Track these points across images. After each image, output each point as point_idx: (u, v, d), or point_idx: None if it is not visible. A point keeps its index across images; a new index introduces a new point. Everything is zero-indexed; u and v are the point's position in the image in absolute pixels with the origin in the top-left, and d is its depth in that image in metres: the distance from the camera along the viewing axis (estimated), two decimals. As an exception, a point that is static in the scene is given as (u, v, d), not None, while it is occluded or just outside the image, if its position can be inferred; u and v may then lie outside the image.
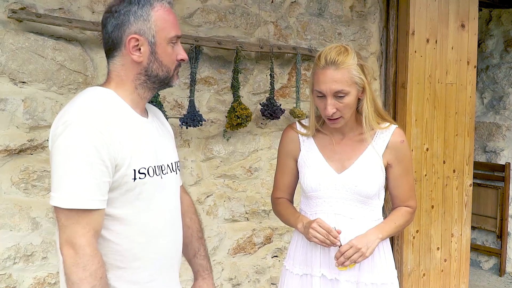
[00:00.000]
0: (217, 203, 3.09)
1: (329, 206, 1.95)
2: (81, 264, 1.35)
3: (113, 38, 1.50)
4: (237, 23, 3.04)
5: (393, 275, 2.03)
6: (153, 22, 1.48)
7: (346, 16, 3.53)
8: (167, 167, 1.60)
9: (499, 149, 5.06)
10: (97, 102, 1.46)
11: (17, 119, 2.38)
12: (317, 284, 1.97)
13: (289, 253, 2.13)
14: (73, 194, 1.36)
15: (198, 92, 2.92)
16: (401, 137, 1.98)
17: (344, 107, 1.86)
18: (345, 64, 1.83)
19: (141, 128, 1.53)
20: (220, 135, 3.05)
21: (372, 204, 1.97)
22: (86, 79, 2.54)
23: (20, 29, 2.36)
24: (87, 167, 1.36)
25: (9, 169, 2.39)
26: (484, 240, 5.22)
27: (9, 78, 2.35)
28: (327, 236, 1.85)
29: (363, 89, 1.89)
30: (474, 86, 3.90)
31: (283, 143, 2.10)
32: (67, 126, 1.37)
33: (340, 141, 1.99)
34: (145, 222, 1.51)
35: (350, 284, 1.95)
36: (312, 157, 2.00)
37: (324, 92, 1.85)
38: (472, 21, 3.82)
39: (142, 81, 1.53)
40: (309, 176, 1.97)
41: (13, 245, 2.40)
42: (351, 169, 1.94)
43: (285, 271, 2.11)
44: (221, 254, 3.14)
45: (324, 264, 1.96)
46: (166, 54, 1.52)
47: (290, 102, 3.27)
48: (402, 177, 2.00)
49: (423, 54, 3.63)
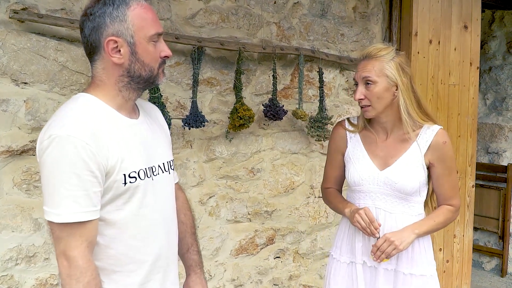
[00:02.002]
0: (220, 204, 3.08)
1: (371, 200, 2.09)
2: (74, 276, 1.36)
3: (91, 42, 1.47)
4: (240, 24, 3.03)
5: (432, 268, 2.13)
6: (130, 22, 1.45)
7: (349, 17, 3.52)
8: (158, 168, 1.59)
9: (502, 150, 5.05)
10: (81, 112, 1.44)
11: (19, 120, 2.37)
12: (360, 271, 2.12)
13: (335, 243, 2.27)
14: (65, 208, 1.36)
15: (201, 93, 2.91)
16: (444, 138, 2.08)
17: (372, 96, 2.00)
18: (378, 56, 2.00)
19: (129, 131, 1.51)
20: (223, 136, 3.04)
21: (412, 200, 2.08)
22: (88, 80, 2.53)
23: (22, 30, 2.35)
24: (76, 180, 1.36)
25: (11, 170, 2.38)
26: (486, 241, 5.21)
27: (11, 79, 2.34)
28: (368, 225, 2.00)
29: (396, 86, 2.01)
30: (477, 87, 3.90)
31: (333, 139, 2.26)
32: (52, 140, 1.36)
33: (385, 139, 2.12)
34: (137, 225, 1.51)
35: (388, 272, 2.08)
36: (357, 153, 2.15)
37: (355, 79, 2.06)
38: (475, 22, 3.81)
39: (126, 82, 1.50)
40: (353, 171, 2.12)
41: (15, 246, 2.39)
42: (392, 167, 2.06)
43: (332, 260, 2.27)
44: (224, 255, 3.13)
45: (365, 252, 2.11)
46: (147, 53, 1.48)
47: (292, 103, 3.26)
48: (445, 177, 2.10)
49: (426, 55, 3.62)
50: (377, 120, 2.11)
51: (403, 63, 2.03)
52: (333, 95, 3.50)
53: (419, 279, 2.07)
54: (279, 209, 3.32)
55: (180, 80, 2.83)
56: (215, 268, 3.10)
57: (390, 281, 2.08)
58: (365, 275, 2.12)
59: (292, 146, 3.34)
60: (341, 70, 3.51)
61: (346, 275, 2.18)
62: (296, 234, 3.42)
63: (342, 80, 3.51)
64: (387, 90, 2.00)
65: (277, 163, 3.29)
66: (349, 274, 2.17)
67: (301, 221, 3.43)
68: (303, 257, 3.47)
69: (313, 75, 3.34)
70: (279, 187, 3.31)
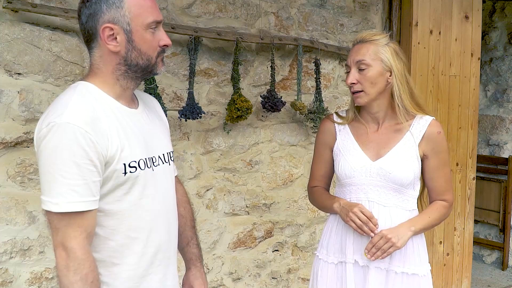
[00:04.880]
0: (217, 196, 3.06)
1: (363, 193, 1.99)
2: (72, 268, 1.34)
3: (88, 29, 1.45)
4: (237, 13, 2.99)
5: (426, 268, 2.04)
6: (126, 9, 1.42)
7: (349, 7, 3.47)
8: (158, 158, 1.56)
9: (503, 142, 5.03)
10: (80, 100, 1.41)
11: (13, 111, 2.34)
12: (350, 270, 2.00)
13: (321, 243, 2.15)
14: (63, 198, 1.33)
15: (198, 84, 2.87)
16: (438, 128, 2.01)
17: (365, 80, 1.92)
18: (373, 39, 1.94)
19: (128, 121, 1.49)
20: (220, 128, 3.01)
21: (406, 193, 1.99)
22: (83, 71, 2.50)
23: (16, 20, 2.32)
24: (75, 169, 1.33)
25: (5, 162, 2.35)
26: (486, 234, 5.19)
27: (4, 69, 2.31)
28: (366, 223, 1.89)
29: (390, 72, 1.93)
30: (478, 78, 3.86)
31: (320, 134, 2.16)
32: (51, 128, 1.34)
33: (376, 130, 2.04)
34: (138, 217, 1.48)
35: (380, 271, 1.98)
36: (348, 145, 2.05)
37: (348, 63, 1.97)
38: (476, 13, 3.77)
39: (123, 71, 1.47)
40: (344, 163, 2.02)
41: (10, 239, 2.36)
42: (386, 157, 1.97)
43: (318, 261, 2.14)
44: (221, 248, 3.10)
45: (357, 251, 1.99)
46: (144, 41, 1.45)
47: (291, 95, 3.23)
48: (439, 169, 2.02)
49: (427, 46, 3.58)
50: (368, 109, 2.03)
51: (398, 50, 1.97)
52: (332, 86, 3.46)
53: (410, 279, 1.97)
54: (278, 201, 3.29)
55: (176, 71, 2.80)
56: (212, 262, 3.07)
57: (381, 281, 1.97)
58: (355, 275, 2.00)
59: (290, 138, 3.30)
60: (341, 61, 3.47)
61: (335, 277, 2.05)
62: (294, 227, 3.39)
63: (342, 71, 3.48)
64: (381, 75, 1.92)
65: (275, 155, 3.26)
66: (338, 276, 2.05)
67: (300, 214, 3.40)
68: (301, 250, 3.44)
69: (312, 66, 3.30)
70: (277, 179, 3.28)
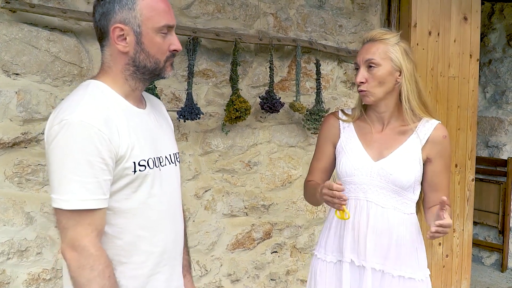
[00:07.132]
0: (216, 197, 3.05)
1: (363, 193, 1.97)
2: (87, 265, 1.33)
3: (100, 27, 1.48)
4: (236, 14, 2.98)
5: (424, 273, 1.99)
6: (138, 11, 1.43)
7: (347, 8, 3.47)
8: (165, 158, 1.57)
9: (502, 144, 5.02)
10: (92, 98, 1.42)
11: (11, 111, 2.33)
12: (346, 270, 1.98)
13: (320, 242, 2.13)
14: (74, 195, 1.33)
15: (196, 84, 2.87)
16: (444, 132, 1.99)
17: (374, 80, 1.91)
18: (382, 38, 1.92)
19: (137, 120, 1.50)
20: (219, 129, 3.00)
21: (405, 196, 1.96)
22: (81, 71, 2.49)
23: (14, 20, 2.31)
24: (87, 167, 1.33)
25: (2, 163, 2.34)
26: (486, 236, 5.18)
27: (2, 69, 2.30)
28: (332, 194, 1.80)
29: (400, 71, 1.92)
30: (477, 79, 3.85)
31: (323, 128, 2.13)
32: (64, 125, 1.34)
33: (381, 131, 2.02)
34: (146, 215, 1.49)
35: (376, 272, 1.95)
36: (351, 143, 2.03)
37: (357, 62, 1.95)
38: (474, 14, 3.77)
39: (131, 72, 1.49)
40: (345, 161, 2.00)
41: (7, 240, 2.35)
42: (388, 158, 1.95)
43: (316, 260, 2.12)
44: (220, 249, 3.09)
45: (354, 249, 1.97)
46: (153, 44, 1.47)
47: (290, 95, 3.22)
48: (442, 174, 1.99)
49: (425, 47, 3.58)
50: (375, 109, 2.01)
51: (408, 50, 1.95)
52: (331, 88, 3.46)
53: (407, 282, 1.93)
54: (276, 203, 3.28)
55: (175, 72, 2.79)
56: (211, 263, 3.06)
57: (376, 283, 1.94)
58: (352, 275, 1.97)
59: (289, 139, 3.30)
60: (339, 62, 3.46)
61: (334, 276, 2.04)
62: (293, 228, 3.38)
63: (340, 72, 3.47)
64: (390, 74, 1.91)
65: (274, 156, 3.25)
66: (337, 275, 2.03)
67: (299, 215, 3.39)
68: (300, 251, 3.43)
69: (310, 67, 3.29)
70: (276, 180, 3.27)
